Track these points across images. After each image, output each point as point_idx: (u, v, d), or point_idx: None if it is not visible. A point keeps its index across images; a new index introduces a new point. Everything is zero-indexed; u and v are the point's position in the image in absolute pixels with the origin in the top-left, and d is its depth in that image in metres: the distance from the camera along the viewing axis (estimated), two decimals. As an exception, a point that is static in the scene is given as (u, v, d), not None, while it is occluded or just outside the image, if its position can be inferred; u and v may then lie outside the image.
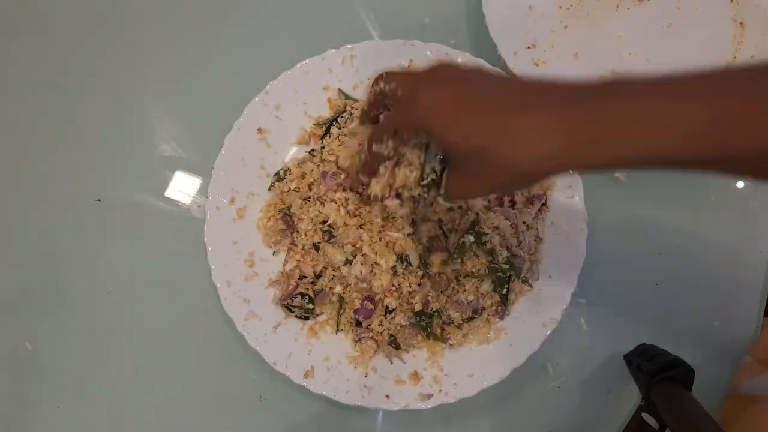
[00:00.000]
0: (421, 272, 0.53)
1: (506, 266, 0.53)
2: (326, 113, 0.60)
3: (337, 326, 0.55)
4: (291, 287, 0.55)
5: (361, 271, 0.52)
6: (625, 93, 0.32)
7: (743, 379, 0.56)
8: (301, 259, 0.55)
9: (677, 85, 0.31)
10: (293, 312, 0.55)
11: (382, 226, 0.52)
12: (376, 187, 0.43)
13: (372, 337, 0.54)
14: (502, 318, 0.55)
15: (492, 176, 0.36)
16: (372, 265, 0.53)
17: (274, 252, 0.57)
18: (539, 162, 0.33)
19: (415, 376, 0.53)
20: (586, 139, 0.32)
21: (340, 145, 0.56)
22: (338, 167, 0.55)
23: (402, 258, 0.52)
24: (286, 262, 0.56)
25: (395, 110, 0.40)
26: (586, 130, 0.32)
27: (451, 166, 0.40)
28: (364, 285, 0.53)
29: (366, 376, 0.53)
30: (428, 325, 0.53)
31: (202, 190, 0.60)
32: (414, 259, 0.52)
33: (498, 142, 0.33)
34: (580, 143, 0.32)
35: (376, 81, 0.40)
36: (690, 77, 0.31)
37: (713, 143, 0.30)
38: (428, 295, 0.53)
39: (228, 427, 0.56)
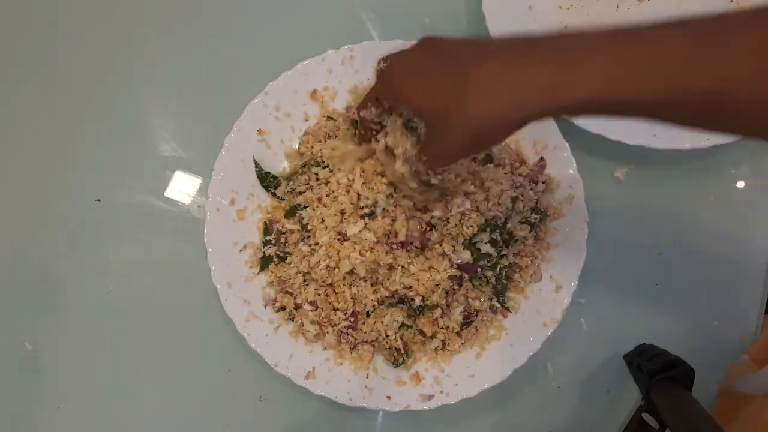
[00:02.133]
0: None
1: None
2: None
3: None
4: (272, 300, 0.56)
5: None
6: (581, 36, 0.32)
7: (738, 377, 0.56)
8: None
9: (632, 30, 0.32)
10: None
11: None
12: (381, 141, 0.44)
13: (365, 341, 0.54)
14: (495, 313, 0.54)
15: (461, 130, 0.35)
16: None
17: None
18: (499, 108, 0.33)
19: (416, 377, 0.53)
20: (543, 82, 0.32)
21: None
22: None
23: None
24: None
25: (377, 81, 0.42)
26: (542, 71, 0.32)
27: (425, 134, 0.39)
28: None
29: (367, 377, 0.53)
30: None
31: (202, 191, 0.60)
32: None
33: (459, 95, 0.33)
34: (537, 86, 0.32)
35: (378, 62, 0.42)
36: (645, 25, 0.32)
37: (664, 83, 0.30)
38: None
39: (228, 427, 0.57)
